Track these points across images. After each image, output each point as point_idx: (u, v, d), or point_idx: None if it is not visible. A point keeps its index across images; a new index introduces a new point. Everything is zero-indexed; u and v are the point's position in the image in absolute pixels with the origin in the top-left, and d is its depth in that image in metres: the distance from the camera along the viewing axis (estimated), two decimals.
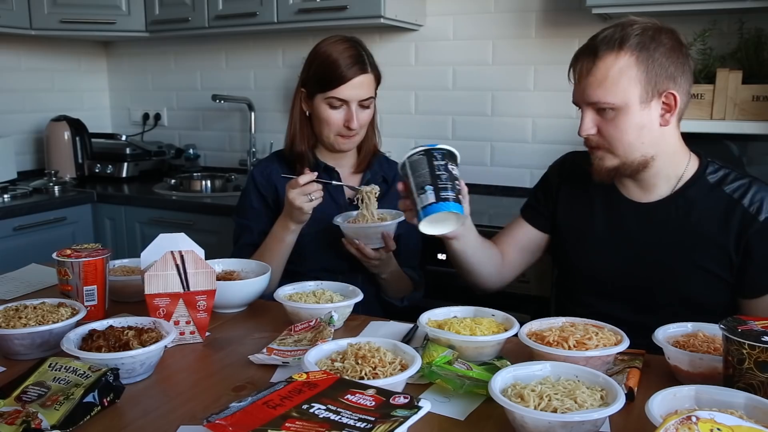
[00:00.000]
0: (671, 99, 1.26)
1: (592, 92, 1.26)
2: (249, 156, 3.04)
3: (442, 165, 1.20)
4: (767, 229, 1.27)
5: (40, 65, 3.19)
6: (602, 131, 1.29)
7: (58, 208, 2.65)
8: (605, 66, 1.24)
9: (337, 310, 1.22)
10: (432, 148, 1.22)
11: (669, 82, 1.24)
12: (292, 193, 1.48)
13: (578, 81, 1.30)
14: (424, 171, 1.19)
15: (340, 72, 1.55)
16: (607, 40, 1.25)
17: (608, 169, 1.32)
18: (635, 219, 1.36)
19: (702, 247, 1.30)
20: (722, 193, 1.31)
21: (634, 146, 1.28)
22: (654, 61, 1.23)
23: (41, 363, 1.01)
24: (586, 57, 1.28)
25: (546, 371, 0.95)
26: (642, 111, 1.25)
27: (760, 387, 0.89)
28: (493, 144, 2.60)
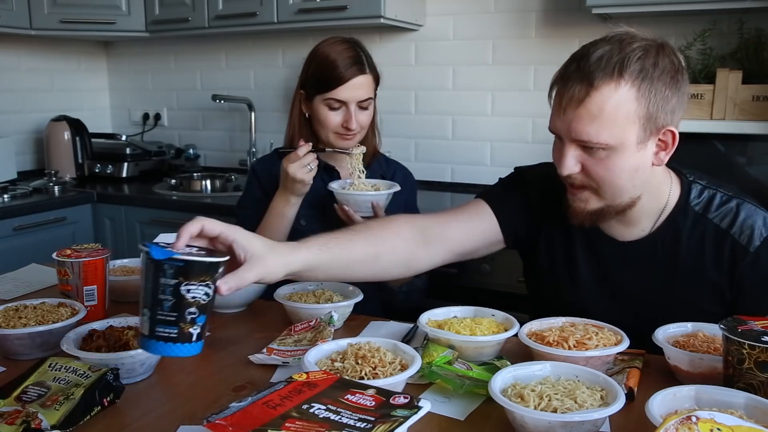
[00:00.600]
0: (669, 137, 1.09)
1: (583, 128, 1.06)
2: (249, 156, 3.04)
3: (171, 286, 0.82)
4: (759, 260, 1.15)
5: (40, 65, 3.19)
6: (588, 171, 1.10)
7: (58, 208, 2.65)
8: (602, 98, 1.03)
9: (337, 310, 1.22)
10: (164, 260, 0.82)
11: (669, 117, 1.07)
12: (293, 166, 1.49)
13: (564, 109, 1.08)
14: (148, 286, 0.83)
15: (338, 73, 1.55)
16: (603, 64, 1.04)
17: (590, 213, 1.15)
18: (618, 260, 1.22)
19: (693, 285, 1.18)
20: (709, 223, 1.17)
21: (625, 189, 1.12)
22: (657, 94, 1.05)
23: (41, 363, 1.01)
24: (577, 83, 1.06)
25: (546, 371, 0.95)
26: (638, 152, 1.08)
27: (760, 387, 0.89)
28: (493, 144, 2.60)
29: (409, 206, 1.75)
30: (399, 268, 1.21)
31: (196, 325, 0.84)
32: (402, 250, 1.19)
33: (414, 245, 1.21)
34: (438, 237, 1.24)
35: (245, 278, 0.91)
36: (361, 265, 1.14)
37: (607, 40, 1.08)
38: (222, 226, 0.93)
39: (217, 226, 0.93)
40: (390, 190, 1.54)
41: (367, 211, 1.51)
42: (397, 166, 1.79)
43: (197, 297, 0.83)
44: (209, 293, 0.84)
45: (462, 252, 1.28)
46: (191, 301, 0.83)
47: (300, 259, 1.01)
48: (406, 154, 2.69)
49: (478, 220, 1.29)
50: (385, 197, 1.52)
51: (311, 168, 1.51)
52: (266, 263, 0.94)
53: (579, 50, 1.11)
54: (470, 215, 1.29)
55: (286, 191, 1.55)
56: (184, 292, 0.82)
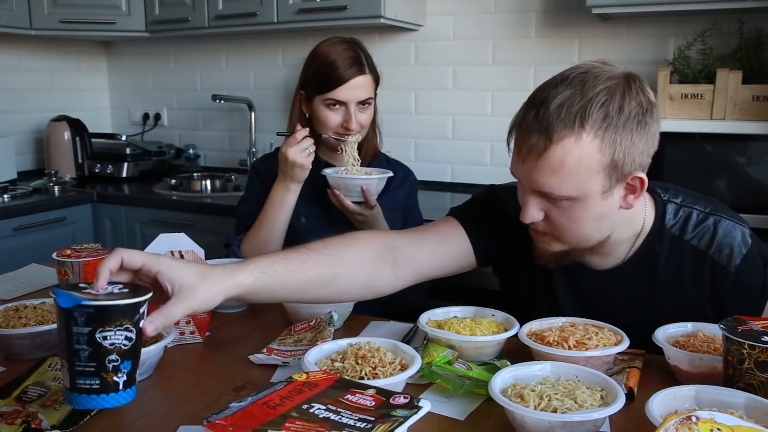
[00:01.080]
0: (637, 182, 1.03)
1: (544, 181, 1.00)
2: (249, 156, 3.04)
3: (85, 335, 0.75)
4: (740, 277, 1.12)
5: (40, 65, 3.19)
6: (551, 219, 1.06)
7: (58, 208, 2.65)
8: (562, 152, 0.97)
9: (337, 310, 1.22)
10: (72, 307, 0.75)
11: (636, 162, 1.01)
12: (292, 150, 1.50)
13: (522, 158, 1.02)
14: (62, 335, 0.77)
15: (337, 73, 1.56)
16: (564, 114, 0.97)
17: (555, 254, 1.12)
18: (596, 287, 1.19)
19: (673, 309, 1.15)
20: (687, 245, 1.14)
21: (590, 236, 1.08)
22: (622, 142, 0.98)
23: (41, 363, 1.01)
24: (536, 134, 0.98)
25: (546, 371, 0.95)
26: (603, 200, 1.02)
27: (760, 387, 0.89)
28: (493, 144, 2.60)
29: (410, 204, 1.75)
30: (358, 290, 1.12)
31: (121, 373, 0.77)
32: (362, 271, 1.11)
33: (378, 266, 1.13)
34: (406, 258, 1.16)
35: (172, 314, 0.83)
36: (314, 288, 1.05)
37: (568, 82, 1.00)
38: (143, 257, 0.85)
39: (138, 257, 0.85)
40: (381, 175, 1.55)
41: (358, 196, 1.52)
42: (398, 165, 1.79)
43: (116, 343, 0.76)
44: (131, 337, 0.77)
45: (430, 275, 1.21)
46: (110, 349, 0.76)
47: (237, 284, 0.92)
48: (406, 154, 2.69)
49: (451, 241, 1.22)
50: (375, 182, 1.54)
51: (309, 152, 1.52)
52: (197, 294, 0.86)
53: (539, 93, 1.03)
54: (442, 237, 1.22)
55: (285, 178, 1.55)
56: (101, 339, 0.75)
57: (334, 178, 1.54)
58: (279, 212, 1.58)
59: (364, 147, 1.71)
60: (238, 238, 1.63)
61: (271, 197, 1.58)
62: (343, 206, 1.53)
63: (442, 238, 1.22)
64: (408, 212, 1.74)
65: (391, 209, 1.66)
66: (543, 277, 1.23)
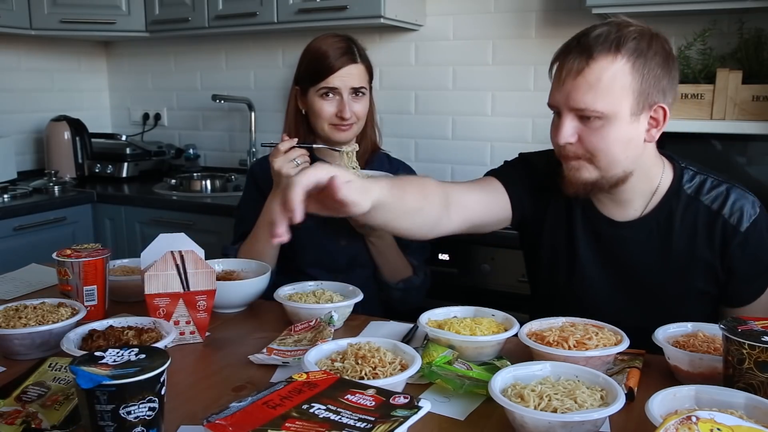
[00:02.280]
0: (660, 114, 1.16)
1: (580, 97, 1.12)
2: (249, 156, 3.04)
3: (109, 412, 0.76)
4: (748, 240, 1.20)
5: (40, 65, 3.19)
6: (584, 140, 1.16)
7: (58, 208, 2.65)
8: (599, 68, 1.11)
9: (337, 310, 1.22)
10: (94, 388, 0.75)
11: (660, 95, 1.15)
12: (278, 162, 1.49)
13: (563, 81, 1.15)
14: (85, 412, 0.78)
15: (329, 62, 1.57)
16: (602, 39, 1.12)
17: (585, 183, 1.20)
18: (615, 239, 1.28)
19: (687, 264, 1.23)
20: (701, 205, 1.23)
21: (618, 160, 1.17)
22: (650, 71, 1.12)
23: (41, 363, 1.01)
24: (577, 56, 1.13)
25: (546, 371, 0.95)
26: (631, 124, 1.14)
27: (760, 387, 0.89)
28: (493, 144, 2.60)
29: None
30: (428, 227, 1.23)
31: None
32: (435, 209, 1.21)
33: (442, 209, 1.22)
34: (458, 204, 1.25)
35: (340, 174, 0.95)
36: (407, 216, 1.16)
37: (605, 23, 1.16)
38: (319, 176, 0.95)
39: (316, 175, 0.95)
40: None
41: None
42: (399, 165, 1.79)
43: (141, 416, 0.77)
44: (154, 407, 0.79)
45: (476, 223, 1.31)
46: (135, 422, 0.77)
47: (378, 192, 1.03)
48: (406, 154, 2.69)
49: (493, 194, 1.33)
50: None
51: (298, 163, 1.50)
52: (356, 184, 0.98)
53: (579, 31, 1.17)
54: (485, 188, 1.34)
55: (277, 188, 1.54)
56: (125, 415, 0.77)
57: None
58: None
59: (362, 143, 1.70)
60: (235, 248, 1.62)
61: (265, 208, 1.58)
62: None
63: (487, 191, 1.33)
64: None
65: None
66: (566, 230, 1.32)
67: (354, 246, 1.63)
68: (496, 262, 1.97)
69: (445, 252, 2.03)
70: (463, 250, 2.02)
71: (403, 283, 1.65)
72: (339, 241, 1.63)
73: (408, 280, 1.66)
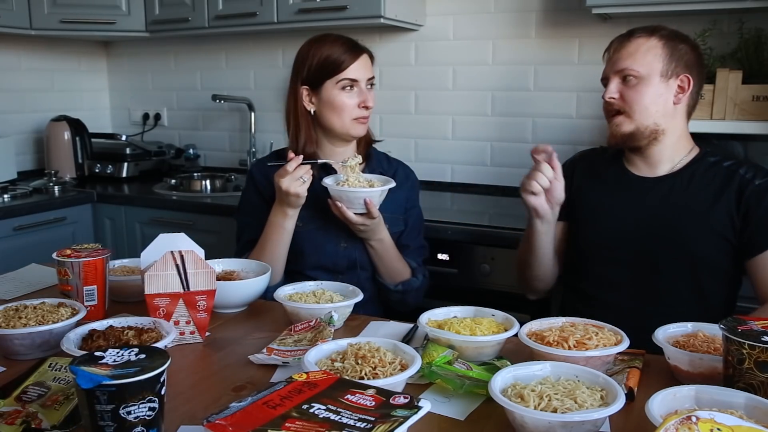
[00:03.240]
0: (686, 82, 1.45)
1: (622, 61, 1.45)
2: (249, 156, 3.04)
3: (109, 412, 0.76)
4: (762, 191, 1.40)
5: (40, 65, 3.19)
6: (624, 96, 1.46)
7: (58, 208, 2.65)
8: (637, 43, 1.45)
9: (337, 310, 1.22)
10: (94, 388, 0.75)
11: (686, 68, 1.44)
12: (285, 182, 1.49)
13: (611, 56, 1.49)
14: (85, 412, 0.78)
15: (344, 54, 1.59)
16: (641, 28, 1.46)
17: (624, 134, 1.47)
18: (641, 190, 1.51)
19: (704, 208, 1.43)
20: (721, 167, 1.47)
21: (650, 111, 1.44)
22: (677, 50, 1.44)
23: (41, 363, 1.01)
24: (621, 38, 1.48)
25: (546, 371, 0.95)
26: (660, 83, 1.43)
27: (760, 387, 0.89)
28: (492, 144, 2.60)
29: (411, 204, 1.74)
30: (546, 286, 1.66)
31: None
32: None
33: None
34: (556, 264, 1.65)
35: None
36: (544, 257, 1.57)
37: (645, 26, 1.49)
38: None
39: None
40: (384, 186, 1.53)
41: (361, 208, 1.51)
42: (398, 165, 1.78)
43: (141, 416, 0.78)
44: (154, 407, 0.79)
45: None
46: (135, 422, 0.78)
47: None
48: (406, 154, 2.69)
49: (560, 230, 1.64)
50: (378, 194, 1.52)
51: (304, 180, 1.50)
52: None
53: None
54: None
55: (282, 204, 1.54)
56: (125, 414, 0.77)
57: (336, 190, 1.52)
58: (279, 236, 1.56)
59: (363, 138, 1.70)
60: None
61: (270, 221, 1.57)
62: (345, 218, 1.51)
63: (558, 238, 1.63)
64: (408, 213, 1.73)
65: (392, 210, 1.65)
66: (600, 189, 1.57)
67: (354, 249, 1.63)
68: (496, 262, 1.97)
69: (444, 252, 2.03)
70: (463, 250, 2.02)
71: (402, 285, 1.65)
72: (339, 244, 1.63)
73: (407, 282, 1.66)
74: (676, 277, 1.45)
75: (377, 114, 1.77)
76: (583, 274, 1.58)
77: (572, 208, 1.60)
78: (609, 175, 1.57)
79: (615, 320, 1.14)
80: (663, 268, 1.46)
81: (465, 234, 2.01)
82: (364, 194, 1.49)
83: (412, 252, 1.69)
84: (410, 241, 1.70)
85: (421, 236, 1.76)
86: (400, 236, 1.68)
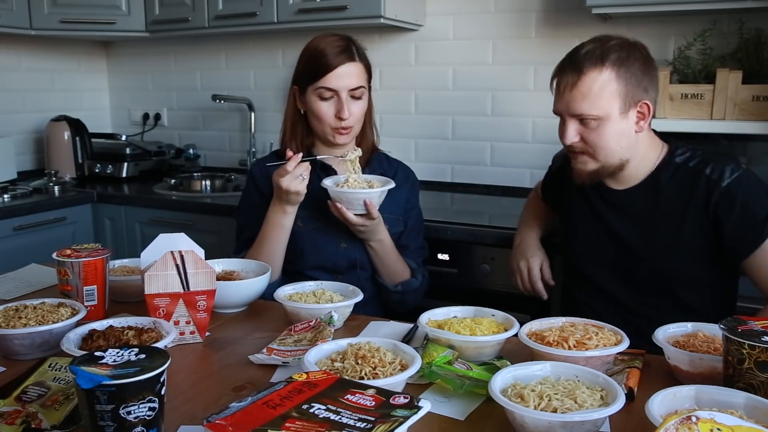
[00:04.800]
0: (645, 108, 1.38)
1: (577, 105, 1.36)
2: (249, 156, 3.04)
3: (109, 412, 0.76)
4: (731, 193, 1.35)
5: (40, 65, 3.19)
6: (585, 139, 1.39)
7: (58, 208, 2.65)
8: (589, 80, 1.33)
9: (337, 310, 1.22)
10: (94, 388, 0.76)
11: (643, 93, 1.36)
12: (285, 181, 1.48)
13: (562, 94, 1.39)
14: (85, 412, 0.78)
15: (326, 61, 1.56)
16: (589, 55, 1.34)
17: (589, 173, 1.44)
18: (611, 203, 1.49)
19: (676, 219, 1.40)
20: (687, 168, 1.41)
21: (614, 151, 1.39)
22: (631, 76, 1.34)
23: (41, 363, 1.01)
24: (570, 72, 1.36)
25: (546, 371, 0.95)
26: (621, 120, 1.36)
27: (760, 387, 0.89)
28: (493, 144, 2.60)
29: (411, 205, 1.74)
30: None
31: None
32: None
33: None
34: None
35: None
36: None
37: (590, 41, 1.39)
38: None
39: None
40: (383, 187, 1.53)
41: (360, 209, 1.50)
42: (398, 165, 1.78)
43: (141, 416, 0.78)
44: (154, 407, 0.79)
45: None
46: (135, 422, 0.78)
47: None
48: (406, 154, 2.69)
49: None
50: (378, 195, 1.52)
51: (304, 178, 1.50)
52: None
53: (572, 50, 1.40)
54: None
55: (281, 202, 1.53)
56: (125, 414, 0.77)
57: (335, 191, 1.51)
58: (278, 234, 1.56)
59: (362, 144, 1.69)
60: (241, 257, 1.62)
61: (268, 219, 1.57)
62: (345, 218, 1.51)
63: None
64: (408, 214, 1.73)
65: (392, 211, 1.65)
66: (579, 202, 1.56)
67: (354, 249, 1.63)
68: (496, 262, 1.97)
69: (444, 252, 2.03)
70: (462, 250, 2.02)
71: (401, 286, 1.65)
72: (340, 244, 1.63)
73: (406, 282, 1.66)
74: (655, 292, 1.43)
75: (377, 114, 1.76)
76: (575, 280, 1.59)
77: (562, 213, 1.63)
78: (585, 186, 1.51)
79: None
80: (640, 283, 1.45)
81: (465, 234, 2.01)
82: (364, 195, 1.49)
83: (412, 252, 1.69)
84: (410, 242, 1.70)
85: (421, 237, 1.76)
86: (399, 237, 1.68)
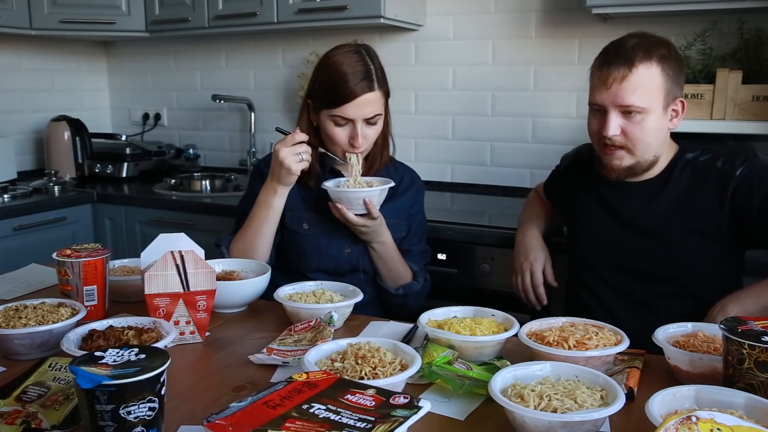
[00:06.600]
0: (680, 106, 1.43)
1: (627, 97, 1.36)
2: (249, 156, 3.04)
3: (109, 412, 0.76)
4: (747, 180, 1.38)
5: (40, 65, 3.19)
6: (627, 132, 1.40)
7: (58, 208, 2.65)
8: (640, 74, 1.35)
9: (337, 310, 1.22)
10: (94, 388, 0.76)
11: (680, 90, 1.41)
12: (284, 150, 1.47)
13: (609, 86, 1.38)
14: (85, 412, 0.78)
15: (345, 89, 1.50)
16: (637, 49, 1.36)
17: (624, 168, 1.44)
18: (621, 195, 1.51)
19: (684, 212, 1.42)
20: (697, 163, 1.45)
21: (651, 146, 1.41)
22: (673, 73, 1.38)
23: (41, 363, 1.01)
24: (620, 64, 1.36)
25: (546, 371, 0.95)
26: (662, 116, 1.39)
27: (760, 387, 0.89)
28: (493, 144, 2.60)
29: (415, 209, 1.73)
30: None
31: None
32: None
33: None
34: None
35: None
36: None
37: (630, 36, 1.41)
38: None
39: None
40: (379, 187, 1.52)
41: (360, 209, 1.50)
42: (405, 170, 1.77)
43: (141, 416, 0.78)
44: (154, 407, 0.79)
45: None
46: (135, 422, 0.78)
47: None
48: (406, 154, 2.69)
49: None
50: (377, 193, 1.51)
51: (302, 158, 1.48)
52: None
53: (611, 45, 1.42)
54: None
55: (273, 178, 1.52)
56: (125, 414, 0.77)
57: (334, 191, 1.51)
58: (266, 215, 1.54)
59: (376, 159, 1.67)
60: (229, 238, 1.62)
61: (258, 200, 1.55)
62: (346, 219, 1.50)
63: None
64: (412, 219, 1.72)
65: (395, 216, 1.64)
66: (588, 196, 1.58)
67: (357, 254, 1.63)
68: (495, 262, 1.97)
69: (444, 252, 2.03)
70: (462, 250, 2.02)
71: (403, 289, 1.65)
72: (343, 249, 1.62)
73: (408, 285, 1.65)
74: (665, 284, 1.44)
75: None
76: (581, 275, 1.58)
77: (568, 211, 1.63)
78: (596, 178, 1.54)
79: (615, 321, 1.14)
80: (649, 274, 1.46)
81: (465, 234, 2.01)
82: (363, 194, 1.49)
83: (415, 256, 1.69)
84: (413, 246, 1.70)
85: (424, 241, 1.75)
86: (402, 241, 1.68)
